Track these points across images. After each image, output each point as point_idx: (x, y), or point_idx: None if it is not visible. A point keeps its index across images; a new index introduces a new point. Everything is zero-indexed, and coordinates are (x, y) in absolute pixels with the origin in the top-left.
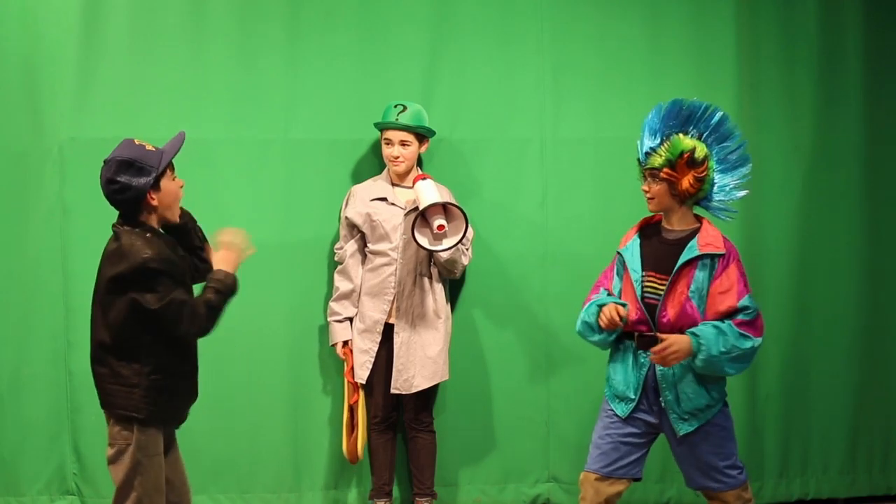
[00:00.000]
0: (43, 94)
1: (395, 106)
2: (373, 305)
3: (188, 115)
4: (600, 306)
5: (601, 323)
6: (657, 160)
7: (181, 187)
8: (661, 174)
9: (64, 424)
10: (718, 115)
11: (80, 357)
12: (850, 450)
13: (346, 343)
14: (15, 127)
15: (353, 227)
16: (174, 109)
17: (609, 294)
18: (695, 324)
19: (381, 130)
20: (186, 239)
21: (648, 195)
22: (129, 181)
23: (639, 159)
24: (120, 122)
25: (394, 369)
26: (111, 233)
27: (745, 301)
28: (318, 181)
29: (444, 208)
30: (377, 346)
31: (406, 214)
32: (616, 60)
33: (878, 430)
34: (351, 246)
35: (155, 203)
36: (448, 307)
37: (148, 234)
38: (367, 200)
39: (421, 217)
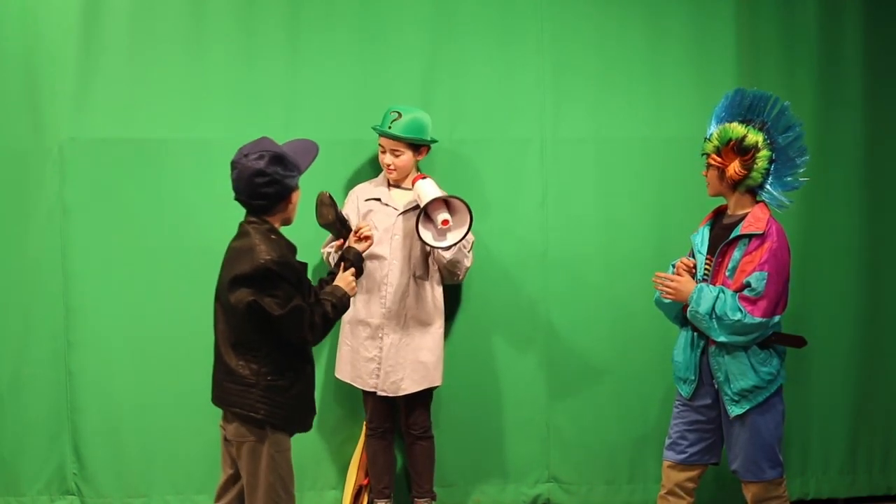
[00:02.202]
0: (43, 94)
1: (392, 112)
2: (371, 311)
3: (188, 115)
4: (673, 265)
5: (657, 287)
6: (708, 146)
7: None
8: (709, 160)
9: (64, 424)
10: (780, 105)
11: (80, 357)
12: (850, 450)
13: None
14: (15, 127)
15: None
16: (174, 109)
17: None
18: None
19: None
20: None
21: (706, 180)
22: (281, 176)
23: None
24: (120, 122)
25: (381, 371)
26: (110, 233)
27: (752, 278)
28: (318, 181)
29: (447, 203)
30: (381, 350)
31: (399, 214)
32: (616, 60)
33: (878, 430)
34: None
35: (292, 203)
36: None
37: (273, 237)
38: (362, 200)
39: (424, 216)
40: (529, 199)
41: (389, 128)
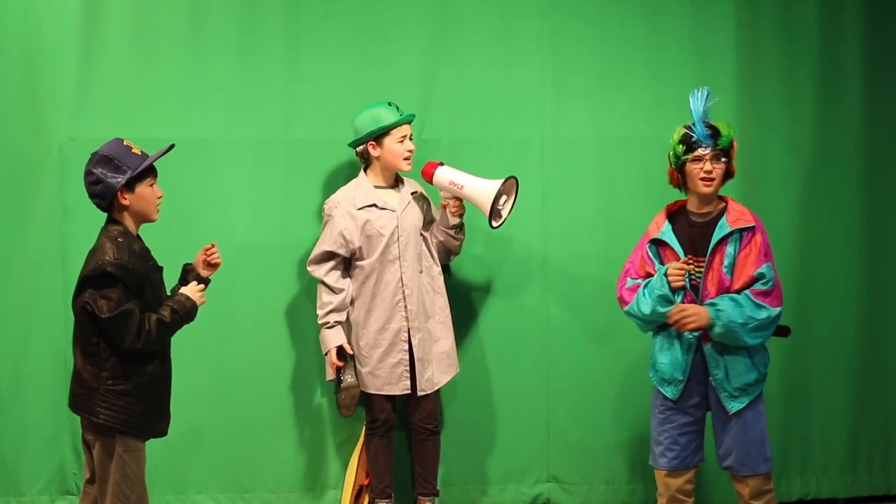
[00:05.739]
0: (43, 94)
1: (390, 104)
2: (390, 316)
3: (188, 115)
4: (665, 275)
5: (674, 283)
6: (724, 140)
7: (159, 198)
8: (724, 157)
9: (64, 424)
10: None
11: None
12: (850, 450)
13: (340, 348)
14: (15, 127)
15: (342, 247)
16: (174, 109)
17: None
18: (728, 292)
19: (390, 130)
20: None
21: (710, 176)
22: (104, 175)
23: (697, 141)
24: (120, 122)
25: (417, 371)
26: None
27: (762, 269)
28: (318, 181)
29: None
30: (406, 353)
31: (400, 214)
32: (616, 60)
33: (878, 430)
34: (327, 268)
35: (126, 203)
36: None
37: (120, 239)
38: (356, 210)
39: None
40: (529, 199)
41: (401, 112)
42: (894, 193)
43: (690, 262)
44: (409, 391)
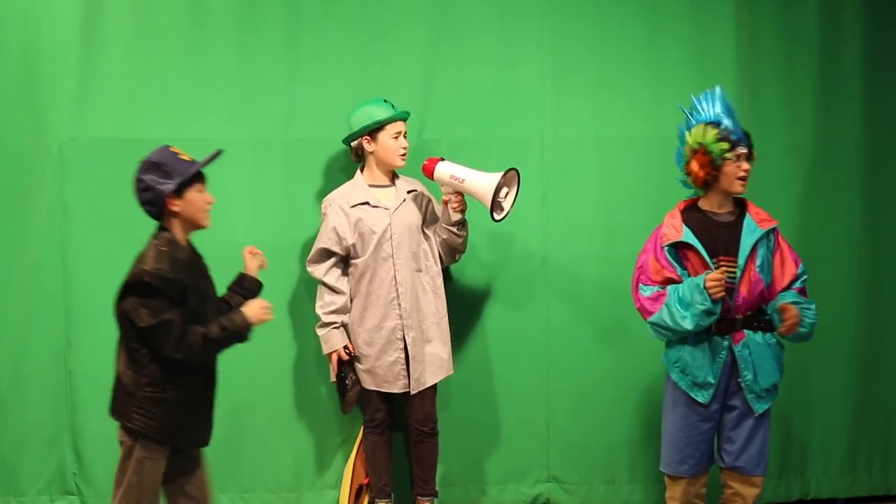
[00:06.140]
0: (43, 94)
1: (385, 101)
2: (385, 314)
3: (188, 115)
4: (704, 287)
5: (716, 295)
6: (752, 139)
7: (209, 203)
8: (752, 155)
9: (64, 424)
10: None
11: (80, 357)
12: (850, 450)
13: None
14: (15, 127)
15: (337, 244)
16: (174, 109)
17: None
18: (761, 294)
19: (384, 126)
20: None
21: (746, 174)
22: (153, 182)
23: (735, 140)
24: (120, 122)
25: (410, 369)
26: (110, 233)
27: (802, 266)
28: (318, 181)
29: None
30: (403, 352)
31: (393, 213)
32: (616, 60)
33: (878, 430)
34: (325, 267)
35: (176, 209)
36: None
37: (162, 248)
38: (348, 208)
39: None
40: (529, 199)
41: (396, 109)
42: (894, 193)
43: (724, 268)
44: (408, 389)
